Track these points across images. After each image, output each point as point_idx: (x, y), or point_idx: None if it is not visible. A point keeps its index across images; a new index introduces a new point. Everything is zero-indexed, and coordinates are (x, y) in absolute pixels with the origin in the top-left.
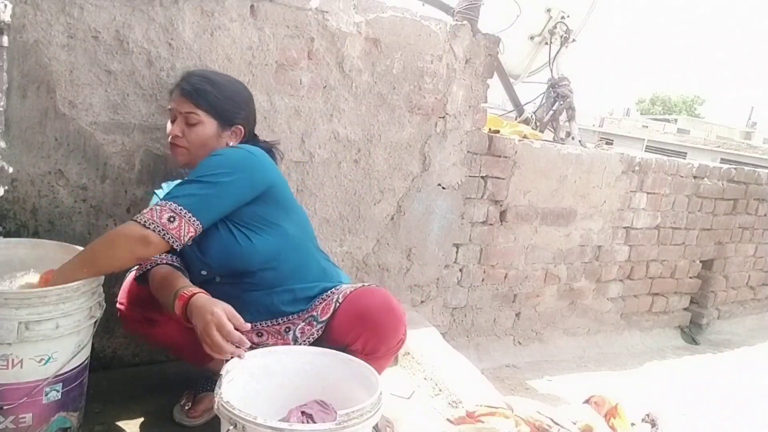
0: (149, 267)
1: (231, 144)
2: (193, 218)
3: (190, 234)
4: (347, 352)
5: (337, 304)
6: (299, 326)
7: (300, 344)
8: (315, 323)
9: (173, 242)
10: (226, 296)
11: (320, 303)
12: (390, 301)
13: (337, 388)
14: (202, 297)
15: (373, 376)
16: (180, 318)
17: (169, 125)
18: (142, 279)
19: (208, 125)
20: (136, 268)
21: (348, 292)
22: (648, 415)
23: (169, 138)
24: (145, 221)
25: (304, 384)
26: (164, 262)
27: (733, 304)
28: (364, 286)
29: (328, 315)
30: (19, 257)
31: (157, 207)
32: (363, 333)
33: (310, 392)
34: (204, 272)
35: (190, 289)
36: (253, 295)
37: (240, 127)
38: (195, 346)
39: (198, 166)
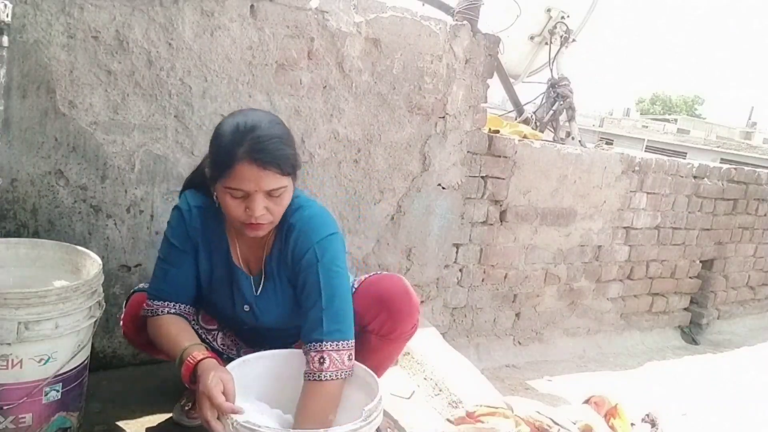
0: (150, 314)
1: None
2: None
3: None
4: (362, 332)
5: (353, 289)
6: None
7: None
8: None
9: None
10: (244, 335)
11: None
12: (408, 286)
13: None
14: (205, 364)
15: (373, 380)
16: (187, 382)
17: (233, 203)
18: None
19: (290, 188)
20: (132, 299)
21: (364, 278)
22: (648, 415)
23: (249, 220)
24: (336, 376)
25: (300, 387)
26: (167, 312)
27: (733, 304)
28: (380, 272)
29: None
30: (19, 257)
31: (331, 353)
32: (381, 314)
33: None
34: (246, 327)
35: (196, 354)
36: (272, 335)
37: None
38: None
39: (321, 270)
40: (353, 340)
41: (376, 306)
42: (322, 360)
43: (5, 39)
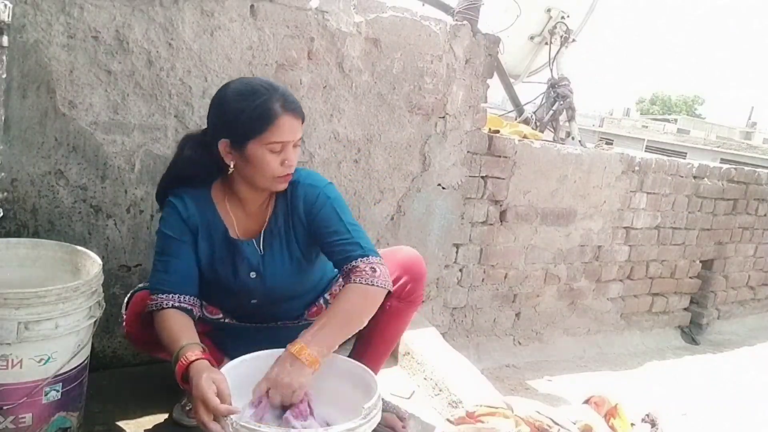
0: (155, 308)
1: None
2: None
3: None
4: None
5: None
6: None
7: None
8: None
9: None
10: (251, 312)
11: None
12: (419, 254)
13: (333, 390)
14: (196, 366)
15: (371, 379)
16: (180, 382)
17: (272, 158)
18: (147, 314)
19: None
20: (136, 297)
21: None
22: (648, 416)
23: (286, 171)
24: (385, 285)
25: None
26: (172, 305)
27: (733, 304)
28: (390, 247)
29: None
30: (19, 257)
31: (380, 265)
32: (404, 276)
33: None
34: (255, 301)
35: (189, 354)
36: (281, 307)
37: None
38: (211, 351)
39: (334, 206)
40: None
41: (399, 270)
42: (373, 269)
43: (5, 39)
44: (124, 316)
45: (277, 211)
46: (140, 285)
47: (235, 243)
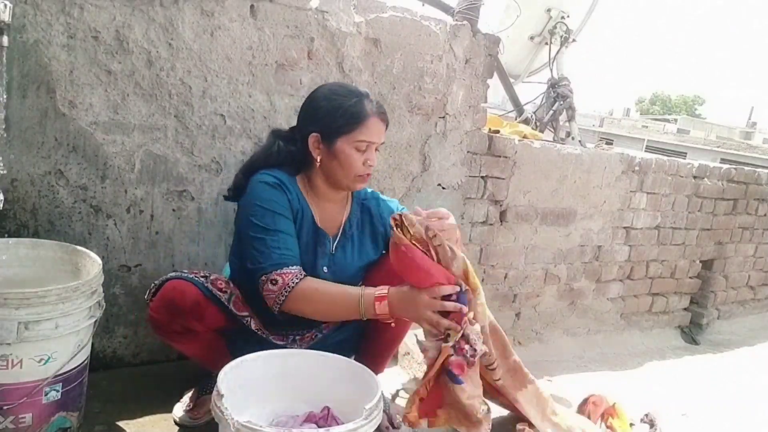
0: (294, 284)
1: None
2: None
3: None
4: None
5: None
6: None
7: None
8: None
9: None
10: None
11: None
12: None
13: (335, 391)
14: (396, 293)
15: (372, 380)
16: (381, 316)
17: (357, 156)
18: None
19: None
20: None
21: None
22: (647, 416)
23: (368, 170)
24: None
25: (300, 387)
26: (306, 275)
27: (733, 304)
28: None
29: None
30: (19, 257)
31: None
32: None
33: (307, 396)
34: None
35: (377, 291)
36: None
37: None
38: (224, 353)
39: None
40: None
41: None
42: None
43: (5, 39)
44: (150, 303)
45: (351, 216)
46: (172, 274)
47: (320, 232)
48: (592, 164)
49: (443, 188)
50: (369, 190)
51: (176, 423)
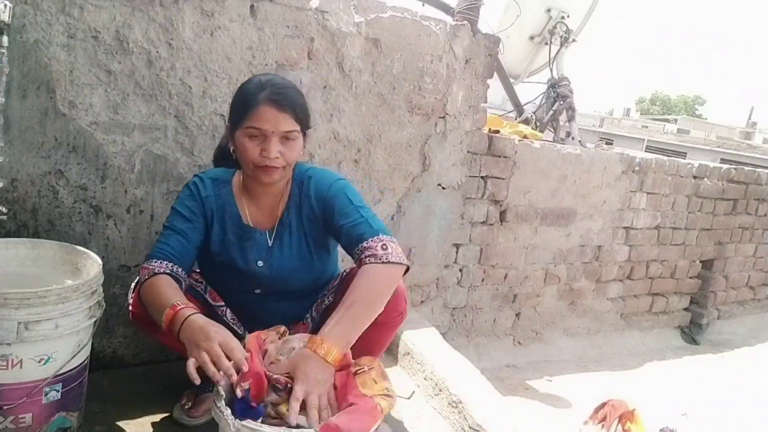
0: (146, 278)
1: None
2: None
3: None
4: None
5: (344, 274)
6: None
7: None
8: (325, 297)
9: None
10: (252, 306)
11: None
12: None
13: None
14: (200, 317)
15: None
16: (166, 330)
17: (250, 144)
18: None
19: (300, 139)
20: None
21: (350, 268)
22: (666, 428)
23: (265, 162)
24: (400, 260)
25: None
26: (163, 271)
27: (733, 304)
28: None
29: (336, 283)
30: (19, 257)
31: (391, 243)
32: None
33: None
34: (258, 291)
35: (185, 307)
36: (281, 305)
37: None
38: None
39: (345, 192)
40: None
41: None
42: (384, 247)
43: (5, 39)
44: (131, 300)
45: (290, 205)
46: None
47: (247, 229)
48: (592, 164)
49: (443, 188)
50: (307, 167)
51: (176, 422)
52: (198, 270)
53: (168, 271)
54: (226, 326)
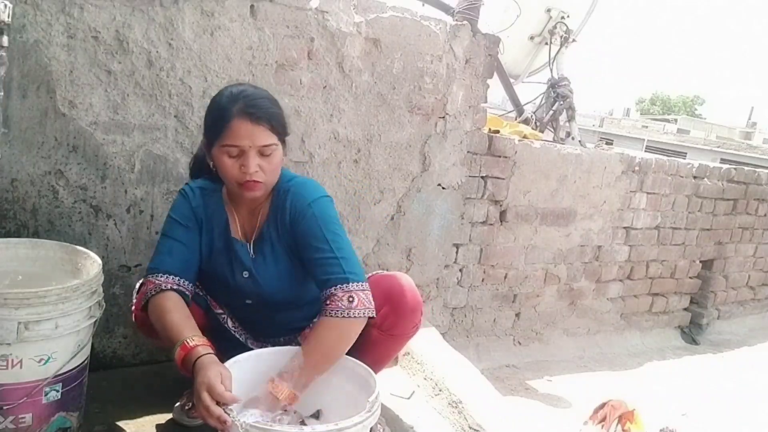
0: (153, 293)
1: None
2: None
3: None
4: (365, 326)
5: None
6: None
7: None
8: None
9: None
10: (250, 316)
11: None
12: (413, 285)
13: (334, 389)
14: (208, 357)
15: (371, 377)
16: (180, 366)
17: (229, 162)
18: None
19: (279, 150)
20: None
21: (371, 274)
22: (666, 428)
23: (245, 177)
24: (364, 314)
25: None
26: (171, 287)
27: (733, 304)
28: (387, 271)
29: None
30: (19, 257)
31: (358, 292)
32: (384, 307)
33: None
34: (249, 301)
35: (197, 341)
36: (279, 316)
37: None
38: None
39: (320, 217)
40: (368, 288)
41: (381, 300)
42: (351, 299)
43: (5, 39)
44: (134, 301)
45: (269, 217)
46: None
47: (232, 240)
48: (592, 164)
49: (443, 188)
50: (289, 177)
51: (176, 423)
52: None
53: (175, 287)
54: (229, 334)
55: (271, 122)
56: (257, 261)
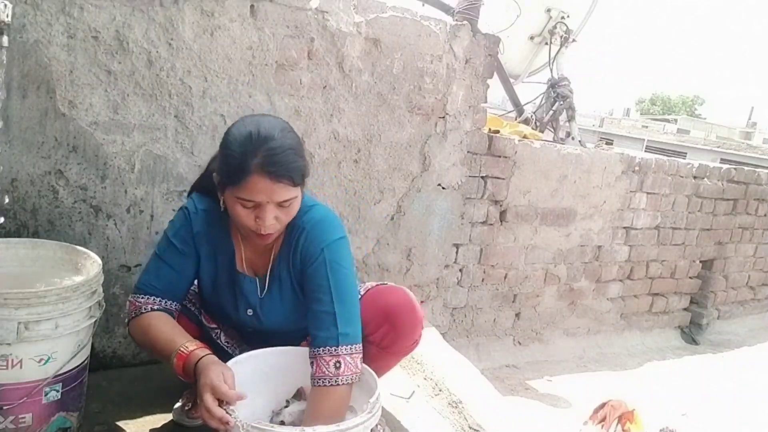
0: (135, 315)
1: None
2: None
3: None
4: (363, 341)
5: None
6: None
7: None
8: None
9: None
10: (247, 338)
11: None
12: (414, 301)
13: None
14: (208, 358)
15: (371, 378)
16: (180, 373)
17: (244, 212)
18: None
19: (299, 197)
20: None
21: (370, 286)
22: (666, 428)
23: (259, 230)
24: (351, 380)
25: (297, 384)
26: (152, 308)
27: (733, 304)
28: (386, 284)
29: None
30: (19, 257)
31: (346, 357)
32: (384, 325)
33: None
34: (250, 329)
35: (193, 346)
36: (275, 341)
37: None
38: None
39: (330, 267)
40: (361, 343)
41: (380, 317)
42: (338, 365)
43: (5, 39)
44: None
45: (281, 255)
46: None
47: (238, 276)
48: (592, 164)
49: (443, 188)
50: (307, 208)
51: (176, 423)
52: (193, 292)
53: (156, 307)
54: (221, 349)
55: (293, 178)
56: (265, 299)
